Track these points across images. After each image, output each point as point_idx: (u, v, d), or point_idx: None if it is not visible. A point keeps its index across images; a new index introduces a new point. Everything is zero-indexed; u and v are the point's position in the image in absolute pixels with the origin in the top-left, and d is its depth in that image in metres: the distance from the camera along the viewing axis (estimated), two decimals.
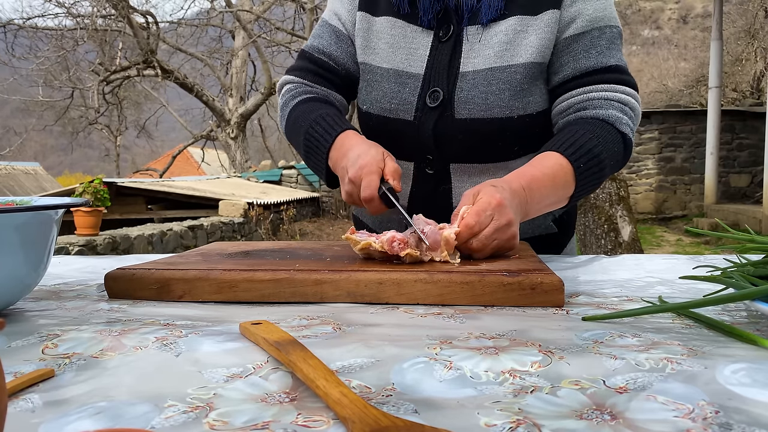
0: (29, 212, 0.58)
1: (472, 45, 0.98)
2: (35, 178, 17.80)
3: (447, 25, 0.99)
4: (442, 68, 0.98)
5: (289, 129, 1.08)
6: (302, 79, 1.11)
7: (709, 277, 0.63)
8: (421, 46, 1.00)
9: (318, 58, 1.10)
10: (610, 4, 0.99)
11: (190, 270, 0.70)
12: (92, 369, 0.45)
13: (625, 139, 0.96)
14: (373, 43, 1.04)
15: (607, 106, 0.95)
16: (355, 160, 0.88)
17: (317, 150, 0.99)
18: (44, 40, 13.40)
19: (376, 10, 1.05)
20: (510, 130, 0.98)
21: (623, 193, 4.67)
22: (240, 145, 14.49)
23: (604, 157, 0.91)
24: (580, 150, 0.89)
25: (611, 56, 0.97)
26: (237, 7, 13.89)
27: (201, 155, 17.63)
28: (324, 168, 0.99)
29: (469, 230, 0.75)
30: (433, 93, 0.98)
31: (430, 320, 0.58)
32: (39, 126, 17.16)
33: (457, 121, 0.98)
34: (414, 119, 1.00)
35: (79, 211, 4.95)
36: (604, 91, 0.96)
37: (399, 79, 1.00)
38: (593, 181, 0.93)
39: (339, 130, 0.97)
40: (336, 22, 1.09)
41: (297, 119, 1.04)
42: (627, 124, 0.96)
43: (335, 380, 0.38)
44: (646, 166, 10.25)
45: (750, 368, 0.40)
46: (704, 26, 19.08)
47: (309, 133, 1.00)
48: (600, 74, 0.97)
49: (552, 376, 0.41)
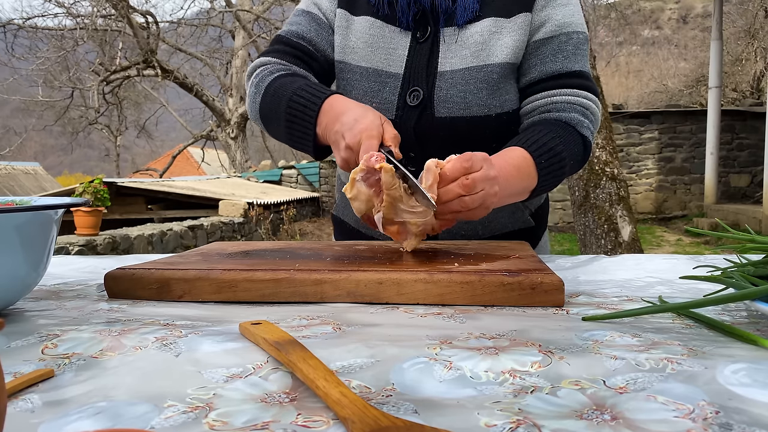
0: (29, 212, 0.58)
1: (449, 45, 1.00)
2: (35, 178, 17.80)
3: (424, 26, 1.02)
4: (421, 68, 1.01)
5: (266, 104, 1.00)
6: (279, 59, 1.05)
7: (709, 277, 0.63)
8: (400, 47, 1.02)
9: (296, 42, 1.06)
10: (579, 11, 1.04)
11: (190, 270, 0.70)
12: (92, 369, 0.45)
13: (585, 141, 1.01)
14: (351, 42, 1.04)
15: (570, 110, 1.00)
16: (351, 124, 0.84)
17: (303, 117, 0.93)
18: (44, 40, 13.40)
19: (355, 9, 1.06)
20: (488, 128, 1.01)
21: (623, 193, 4.67)
22: (240, 145, 14.49)
23: (565, 156, 0.96)
24: (542, 147, 0.93)
25: (576, 62, 1.02)
26: (237, 7, 13.89)
27: (201, 155, 17.62)
28: (312, 137, 0.93)
29: (463, 164, 0.76)
30: (413, 92, 1.00)
31: (430, 320, 0.58)
32: (39, 126, 17.16)
33: (437, 119, 1.00)
34: (395, 118, 1.01)
35: (79, 211, 4.95)
36: (568, 95, 1.01)
37: (379, 79, 1.02)
38: (555, 178, 0.97)
39: (327, 93, 0.92)
40: (315, 11, 1.08)
41: (276, 92, 0.98)
42: (588, 127, 1.01)
43: (335, 380, 0.38)
44: (646, 166, 10.25)
45: (750, 368, 0.40)
46: (704, 26, 19.09)
47: (293, 100, 0.94)
48: (565, 78, 1.01)
49: (552, 376, 0.41)
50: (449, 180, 0.76)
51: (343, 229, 1.20)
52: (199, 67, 15.69)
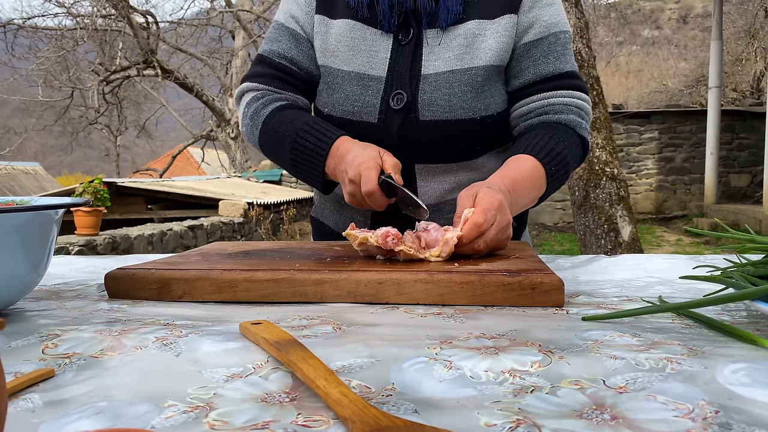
0: (29, 212, 0.58)
1: (432, 48, 1.00)
2: (35, 178, 17.80)
3: (407, 29, 1.01)
4: (404, 71, 1.00)
5: (267, 140, 1.03)
6: (266, 85, 1.07)
7: (709, 277, 0.63)
8: (382, 49, 1.01)
9: (279, 63, 1.07)
10: (562, 10, 1.05)
11: (190, 270, 0.70)
12: (92, 369, 0.45)
13: (583, 142, 1.03)
14: (332, 45, 1.04)
15: (567, 111, 1.01)
16: (352, 160, 0.89)
17: (310, 160, 0.96)
18: (44, 40, 13.39)
19: (333, 13, 1.05)
20: (473, 131, 1.01)
21: (623, 193, 4.67)
22: (240, 145, 14.49)
23: (569, 160, 0.98)
24: (550, 153, 0.94)
25: (566, 62, 1.03)
26: (237, 7, 13.89)
27: (201, 155, 17.61)
28: (320, 177, 0.97)
29: (477, 228, 0.75)
30: (396, 95, 1.00)
31: (430, 320, 0.58)
32: (39, 126, 17.15)
33: (421, 122, 1.00)
34: (378, 121, 1.01)
35: (79, 211, 4.95)
36: (563, 96, 1.02)
37: (361, 82, 1.01)
38: (559, 183, 0.99)
39: (332, 137, 0.95)
40: (294, 25, 1.07)
41: (277, 129, 1.01)
42: (585, 128, 1.03)
43: (335, 380, 0.38)
44: (646, 166, 10.25)
45: (750, 368, 0.40)
46: (704, 26, 19.08)
47: (297, 142, 0.97)
48: (558, 80, 1.02)
49: (552, 376, 0.41)
50: (464, 245, 0.76)
51: (322, 231, 1.19)
52: (199, 67, 15.68)
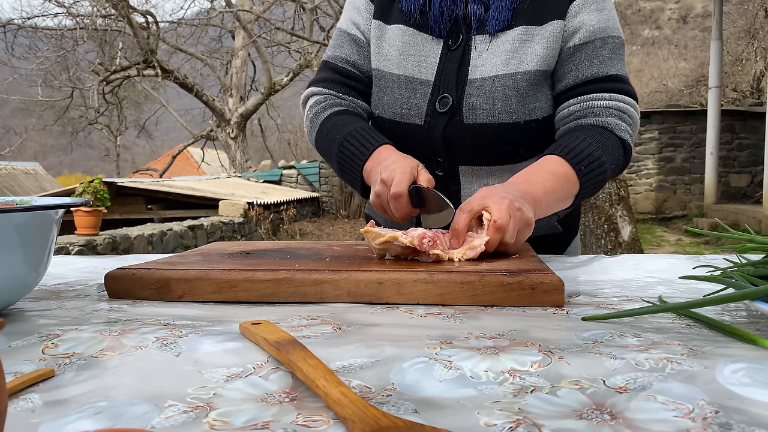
0: (29, 212, 0.58)
1: (480, 53, 1.02)
2: (35, 178, 17.80)
3: (456, 34, 1.03)
4: (451, 75, 1.02)
5: (321, 141, 1.09)
6: (329, 90, 1.12)
7: (709, 277, 0.63)
8: (431, 54, 1.04)
9: (342, 67, 1.12)
10: (613, 15, 1.04)
11: (190, 270, 0.70)
12: (92, 369, 0.45)
13: (624, 144, 1.01)
14: (384, 50, 1.07)
15: (606, 114, 1.00)
16: (388, 165, 0.91)
17: (352, 164, 1.01)
18: (44, 40, 13.39)
19: (388, 19, 1.09)
20: (516, 135, 1.02)
21: (623, 193, 4.67)
22: (240, 145, 14.48)
23: (604, 160, 0.96)
24: (580, 154, 0.94)
25: (612, 66, 1.02)
26: (237, 7, 13.88)
27: (201, 155, 17.62)
28: (359, 180, 1.01)
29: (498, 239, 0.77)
30: (442, 99, 1.02)
31: (430, 320, 0.58)
32: (39, 126, 17.16)
33: (465, 125, 1.02)
34: (424, 124, 1.04)
35: (79, 211, 4.95)
36: (604, 99, 1.00)
37: (410, 85, 1.04)
38: (596, 183, 0.97)
39: (376, 144, 0.99)
40: (355, 31, 1.12)
41: (329, 132, 1.06)
42: (626, 130, 1.01)
43: (335, 380, 0.38)
44: (646, 166, 10.25)
45: (750, 368, 0.40)
46: (704, 26, 19.08)
47: (344, 146, 1.01)
48: (600, 83, 1.01)
49: (552, 376, 0.41)
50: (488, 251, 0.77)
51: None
52: (199, 67, 15.68)
